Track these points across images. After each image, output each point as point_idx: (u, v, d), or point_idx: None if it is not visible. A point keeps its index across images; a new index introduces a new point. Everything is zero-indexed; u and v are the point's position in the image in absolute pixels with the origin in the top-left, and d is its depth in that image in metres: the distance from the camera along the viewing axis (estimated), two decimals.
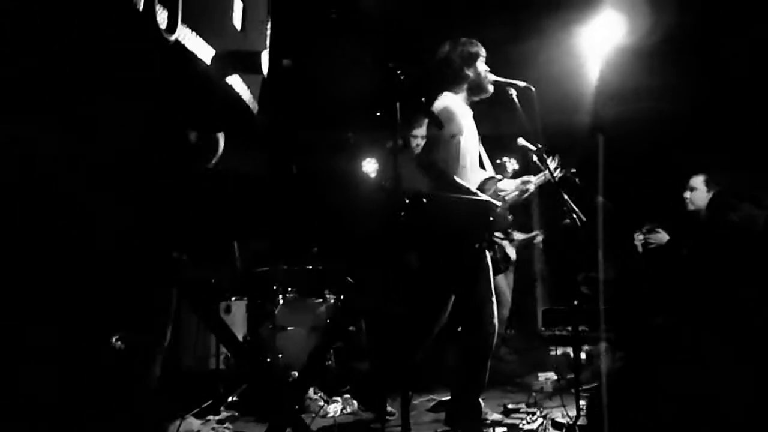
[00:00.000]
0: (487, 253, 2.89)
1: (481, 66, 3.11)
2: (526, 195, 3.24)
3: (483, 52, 3.13)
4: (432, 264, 2.82)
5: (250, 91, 1.20)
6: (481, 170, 3.19)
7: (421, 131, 4.20)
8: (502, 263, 5.15)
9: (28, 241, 1.47)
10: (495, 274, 5.03)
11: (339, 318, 2.42)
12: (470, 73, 3.07)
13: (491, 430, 2.76)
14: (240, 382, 3.45)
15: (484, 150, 3.30)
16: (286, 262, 3.96)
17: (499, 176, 3.07)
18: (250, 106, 1.18)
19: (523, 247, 5.31)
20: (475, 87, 3.10)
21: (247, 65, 1.06)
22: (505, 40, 4.81)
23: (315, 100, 4.28)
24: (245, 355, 2.03)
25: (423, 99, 1.81)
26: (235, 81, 1.09)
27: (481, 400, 2.95)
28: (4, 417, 1.81)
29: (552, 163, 3.29)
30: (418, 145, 4.23)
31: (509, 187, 3.16)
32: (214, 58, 0.98)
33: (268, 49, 1.18)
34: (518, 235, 5.36)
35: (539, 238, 5.24)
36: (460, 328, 2.97)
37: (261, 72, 1.07)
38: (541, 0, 4.74)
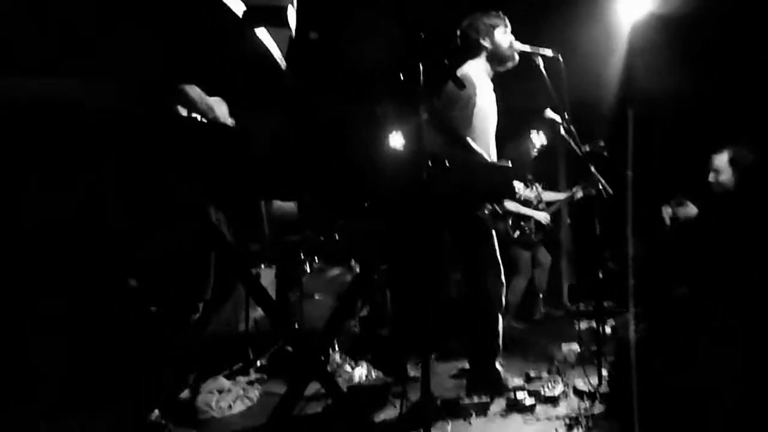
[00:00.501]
0: (483, 217, 2.97)
1: (501, 36, 3.15)
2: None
3: (503, 22, 3.18)
4: (444, 227, 2.91)
5: (279, 48, 1.26)
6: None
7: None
8: (535, 236, 5.18)
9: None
10: (528, 247, 5.11)
11: (358, 281, 2.48)
12: (487, 44, 3.15)
13: (512, 394, 2.80)
14: (270, 345, 3.56)
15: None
16: (313, 232, 4.05)
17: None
18: (279, 62, 1.23)
19: (552, 214, 5.28)
20: (494, 57, 3.17)
21: (274, 18, 1.11)
22: (534, 12, 4.76)
23: (342, 73, 4.32)
24: (278, 315, 2.11)
25: (446, 61, 1.84)
26: (264, 35, 1.15)
27: (500, 366, 3.01)
28: (16, 386, 1.93)
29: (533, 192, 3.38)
30: None
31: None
32: (245, 12, 1.04)
33: (294, 5, 1.23)
34: (549, 196, 5.31)
35: (579, 194, 5.16)
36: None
37: (287, 25, 1.12)
38: None
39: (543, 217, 5.12)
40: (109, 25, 1.02)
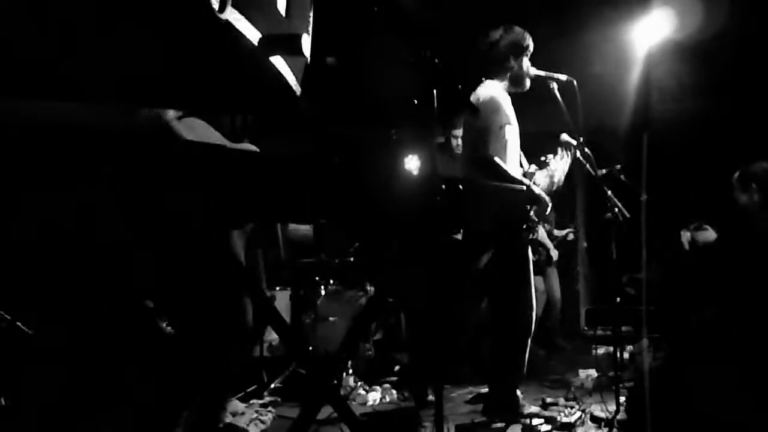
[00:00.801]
0: (526, 242, 2.92)
1: (526, 60, 3.11)
2: (557, 182, 3.23)
3: (531, 45, 3.13)
4: (468, 250, 2.87)
5: (294, 75, 1.29)
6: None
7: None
8: (545, 264, 5.18)
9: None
10: (537, 274, 5.09)
11: (372, 304, 2.49)
12: (515, 64, 3.07)
13: (528, 420, 2.77)
14: (283, 368, 3.56)
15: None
16: (328, 254, 4.07)
17: (532, 168, 3.08)
18: (293, 87, 1.26)
19: (557, 245, 5.30)
20: (516, 79, 3.11)
21: (289, 47, 1.14)
22: (550, 36, 4.80)
23: (358, 98, 4.38)
24: (292, 338, 2.11)
25: (459, 86, 1.86)
26: (278, 62, 1.18)
27: (519, 393, 2.97)
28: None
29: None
30: (458, 145, 4.28)
31: (541, 178, 3.16)
32: (260, 40, 1.07)
33: (310, 34, 1.27)
34: (556, 232, 5.36)
35: (570, 236, 5.21)
36: (496, 319, 3.00)
37: (302, 53, 1.15)
38: None
39: (554, 252, 5.13)
40: (115, 40, 1.04)
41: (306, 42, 1.20)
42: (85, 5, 0.93)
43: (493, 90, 3.02)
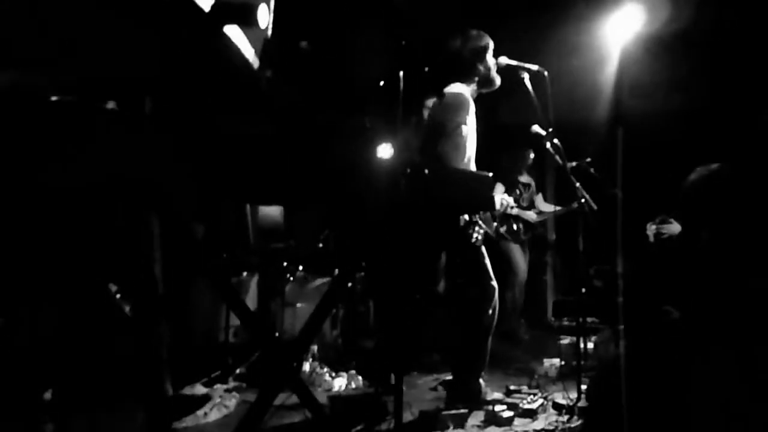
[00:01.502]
0: (480, 231, 2.95)
1: (490, 58, 3.14)
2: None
3: (491, 43, 3.16)
4: (429, 237, 2.89)
5: (254, 49, 1.26)
6: None
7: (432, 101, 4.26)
8: (523, 234, 5.19)
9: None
10: (516, 241, 5.11)
11: (335, 287, 2.48)
12: (481, 67, 3.12)
13: (491, 407, 2.79)
14: (248, 354, 3.53)
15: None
16: (298, 241, 4.04)
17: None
18: (250, 60, 1.23)
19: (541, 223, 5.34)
20: (485, 81, 3.15)
21: (245, 17, 1.11)
22: (524, 29, 4.82)
23: (331, 84, 4.33)
24: (253, 322, 2.10)
25: (426, 68, 1.85)
26: (234, 32, 1.15)
27: (482, 380, 3.00)
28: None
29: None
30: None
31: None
32: (212, 7, 1.04)
33: (267, 4, 1.23)
34: (546, 206, 5.37)
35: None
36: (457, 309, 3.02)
37: (256, 24, 1.12)
38: None
39: (530, 215, 5.16)
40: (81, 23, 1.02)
41: (263, 13, 1.17)
42: None
43: (456, 90, 3.06)
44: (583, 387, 2.94)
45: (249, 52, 1.23)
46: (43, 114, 1.30)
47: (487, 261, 3.00)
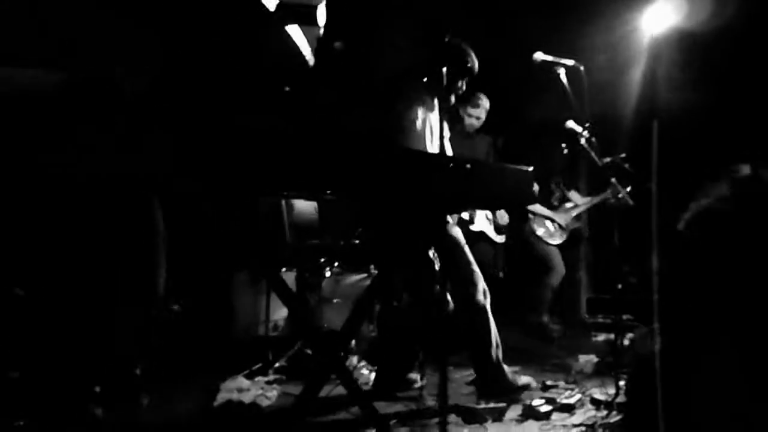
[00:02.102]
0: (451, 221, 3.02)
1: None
2: None
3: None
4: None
5: (310, 46, 1.32)
6: None
7: (476, 111, 4.29)
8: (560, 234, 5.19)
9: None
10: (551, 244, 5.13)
11: (375, 285, 2.53)
12: (460, 87, 3.05)
13: (528, 401, 2.81)
14: (288, 347, 3.61)
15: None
16: (333, 237, 4.11)
17: None
18: (307, 57, 1.28)
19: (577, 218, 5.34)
20: (446, 98, 2.98)
21: (305, 17, 1.17)
22: (557, 24, 4.80)
23: (365, 81, 4.39)
24: (301, 314, 2.15)
25: (468, 64, 1.88)
26: (294, 32, 1.20)
27: (504, 366, 3.04)
28: None
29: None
30: (472, 124, 4.33)
31: None
32: (276, 8, 1.10)
33: (324, 3, 1.29)
34: (583, 200, 5.36)
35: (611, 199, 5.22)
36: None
37: (316, 23, 1.17)
38: None
39: (563, 219, 5.18)
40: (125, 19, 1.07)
41: (321, 13, 1.22)
42: None
43: None
44: (621, 383, 2.93)
45: (306, 49, 1.28)
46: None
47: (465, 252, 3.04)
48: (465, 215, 4.14)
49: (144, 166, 1.43)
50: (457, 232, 3.12)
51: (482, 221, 4.41)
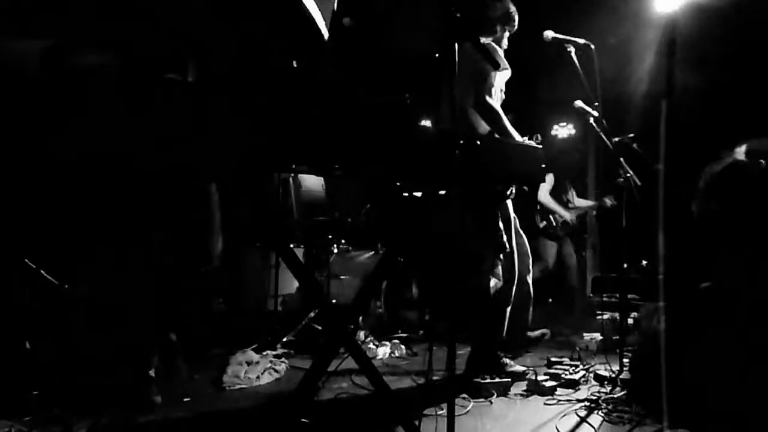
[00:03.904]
0: (510, 204, 3.00)
1: (506, 37, 3.15)
2: None
3: (517, 22, 3.16)
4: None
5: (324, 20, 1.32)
6: None
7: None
8: (560, 230, 5.26)
9: None
10: (554, 239, 5.23)
11: (383, 263, 2.55)
12: (500, 33, 3.11)
13: (533, 375, 2.85)
14: (297, 322, 3.66)
15: None
16: (341, 214, 4.13)
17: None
18: (322, 30, 1.29)
19: (579, 217, 5.44)
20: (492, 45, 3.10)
21: None
22: (568, 3, 4.75)
23: (376, 59, 4.37)
24: (312, 287, 2.18)
25: (478, 38, 1.87)
26: (310, 5, 1.21)
27: (499, 352, 3.06)
28: None
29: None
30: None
31: None
32: None
33: None
34: (579, 202, 5.45)
35: (608, 203, 5.29)
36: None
37: None
38: None
39: (569, 216, 5.26)
40: None
41: None
42: None
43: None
44: (625, 361, 2.97)
45: (321, 23, 1.29)
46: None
47: (512, 231, 3.04)
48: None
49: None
50: (510, 211, 3.11)
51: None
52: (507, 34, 3.15)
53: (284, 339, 3.58)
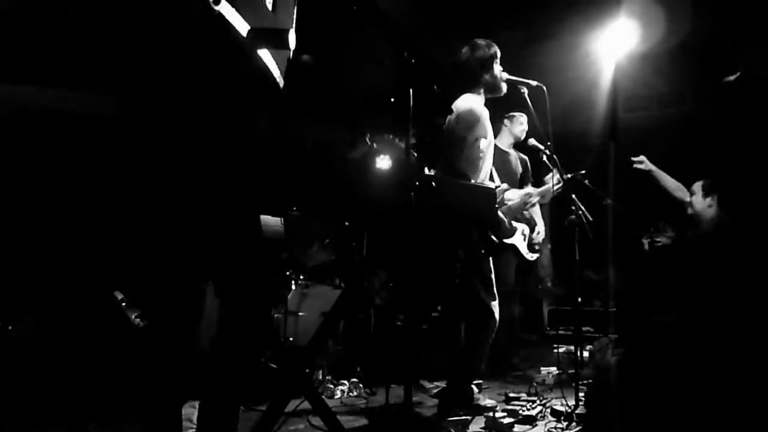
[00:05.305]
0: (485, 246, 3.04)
1: (497, 67, 3.17)
2: (528, 206, 3.37)
3: (498, 52, 3.18)
4: (436, 249, 2.95)
5: (279, 69, 1.34)
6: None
7: (517, 129, 4.39)
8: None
9: None
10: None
11: (343, 300, 2.54)
12: (488, 77, 3.14)
13: (491, 414, 2.85)
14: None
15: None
16: (299, 250, 4.09)
17: (505, 185, 3.15)
18: (277, 80, 1.31)
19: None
20: (491, 87, 3.16)
21: (276, 41, 1.19)
22: (519, 43, 4.92)
23: (333, 96, 4.41)
24: (264, 331, 2.15)
25: (436, 87, 1.92)
26: (265, 56, 1.22)
27: (474, 387, 3.07)
28: None
29: (554, 177, 3.41)
30: (510, 141, 4.42)
31: (514, 196, 3.29)
32: (248, 32, 1.12)
33: (294, 28, 1.31)
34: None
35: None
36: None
37: (288, 47, 1.19)
38: (556, 3, 4.84)
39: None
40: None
41: (292, 37, 1.25)
42: None
43: (471, 102, 3.07)
44: (581, 395, 3.01)
45: (276, 72, 1.30)
46: None
47: (491, 272, 3.07)
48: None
49: None
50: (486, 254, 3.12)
51: (517, 235, 4.47)
52: (495, 69, 3.16)
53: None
